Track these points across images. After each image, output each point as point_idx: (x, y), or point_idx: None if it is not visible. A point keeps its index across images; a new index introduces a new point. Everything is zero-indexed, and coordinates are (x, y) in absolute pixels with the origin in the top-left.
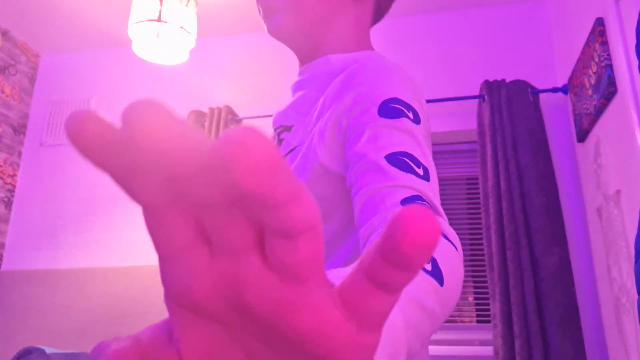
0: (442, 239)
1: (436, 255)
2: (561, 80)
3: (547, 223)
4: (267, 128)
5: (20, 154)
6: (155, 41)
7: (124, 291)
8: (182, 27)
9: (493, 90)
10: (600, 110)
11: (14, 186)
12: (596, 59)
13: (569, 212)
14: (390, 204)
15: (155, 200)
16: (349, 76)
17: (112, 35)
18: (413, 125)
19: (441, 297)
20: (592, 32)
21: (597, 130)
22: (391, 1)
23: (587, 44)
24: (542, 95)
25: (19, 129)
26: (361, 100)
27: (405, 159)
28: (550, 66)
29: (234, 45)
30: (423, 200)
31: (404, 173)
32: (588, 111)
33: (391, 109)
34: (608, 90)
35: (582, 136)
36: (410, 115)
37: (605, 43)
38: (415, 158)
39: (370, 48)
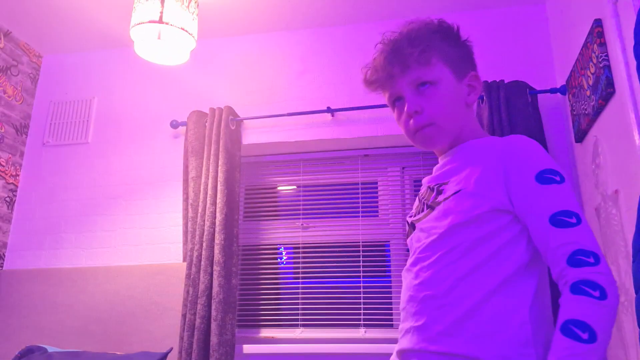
0: (582, 298)
1: (586, 318)
2: (560, 81)
3: None
4: (267, 128)
5: (22, 154)
6: (157, 42)
7: (125, 290)
8: (183, 29)
9: (492, 91)
10: (598, 111)
11: (16, 186)
12: (594, 60)
13: None
14: (559, 263)
15: None
16: (508, 150)
17: (114, 36)
18: (561, 185)
19: (596, 349)
20: (591, 33)
21: (596, 131)
22: (479, 95)
23: (585, 45)
24: (540, 96)
25: (21, 129)
26: (519, 171)
27: (563, 218)
28: (548, 67)
29: (235, 46)
30: (581, 253)
31: (561, 232)
32: (586, 112)
33: (545, 178)
34: (606, 90)
35: (580, 136)
36: (557, 178)
37: (603, 44)
38: (567, 211)
39: (487, 135)
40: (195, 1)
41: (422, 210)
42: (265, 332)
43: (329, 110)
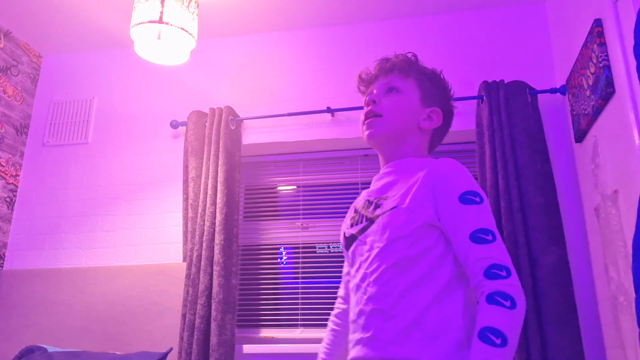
0: (495, 308)
1: (498, 326)
2: (559, 81)
3: (545, 222)
4: (267, 128)
5: (22, 154)
6: (157, 42)
7: (125, 290)
8: (183, 29)
9: (491, 91)
10: (598, 111)
11: (16, 186)
12: (594, 60)
13: (567, 212)
14: (477, 275)
15: None
16: (437, 172)
17: (114, 36)
18: (480, 205)
19: (506, 353)
20: (591, 33)
21: (595, 131)
22: (441, 139)
23: (585, 45)
24: (540, 96)
25: (21, 129)
26: (445, 191)
27: (481, 235)
28: (548, 67)
29: (235, 46)
30: (495, 267)
31: (479, 247)
32: (586, 111)
33: (466, 199)
34: (606, 90)
35: (580, 136)
36: (477, 199)
37: (603, 44)
38: (484, 229)
39: (428, 157)
40: (195, 1)
41: (361, 222)
42: (265, 332)
43: (329, 110)
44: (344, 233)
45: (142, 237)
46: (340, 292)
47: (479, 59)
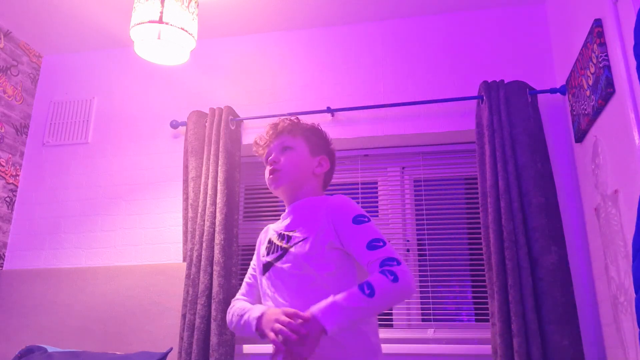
0: (381, 275)
1: (374, 283)
2: (559, 81)
3: (545, 222)
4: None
5: (22, 154)
6: (157, 42)
7: (125, 290)
8: (183, 29)
9: (492, 91)
10: (598, 111)
11: (16, 186)
12: (594, 60)
13: (567, 212)
14: (375, 269)
15: None
16: (332, 205)
17: (114, 36)
18: (369, 224)
19: (371, 302)
20: (591, 33)
21: (595, 131)
22: (331, 178)
23: (585, 45)
24: (540, 96)
25: (21, 129)
26: (341, 217)
27: (374, 244)
28: (548, 67)
29: (235, 46)
30: (388, 260)
31: (374, 252)
32: (586, 111)
33: (358, 220)
34: (606, 90)
35: (580, 136)
36: (366, 219)
37: (603, 44)
38: (376, 238)
39: (323, 194)
40: (195, 1)
41: (276, 251)
42: None
43: (329, 110)
44: (262, 262)
45: (142, 237)
46: (243, 291)
47: (479, 59)
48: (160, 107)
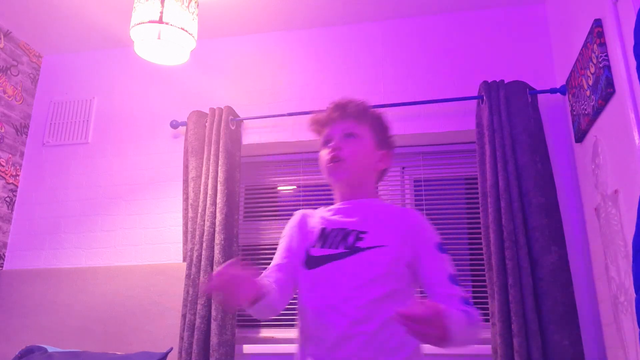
0: (459, 313)
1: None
2: (559, 81)
3: (545, 222)
4: (267, 128)
5: (22, 154)
6: (157, 42)
7: (125, 290)
8: (183, 29)
9: (492, 91)
10: (598, 111)
11: (16, 186)
12: (594, 60)
13: (567, 212)
14: (456, 305)
15: None
16: (417, 223)
17: (114, 36)
18: (449, 255)
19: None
20: (591, 33)
21: (595, 131)
22: (383, 178)
23: (585, 45)
24: (540, 96)
25: (21, 129)
26: (426, 239)
27: (456, 277)
28: (548, 67)
29: (235, 46)
30: (467, 300)
31: (457, 287)
32: (586, 112)
33: (442, 249)
34: (606, 91)
35: (580, 136)
36: (446, 250)
37: (603, 44)
38: (456, 273)
39: (380, 197)
40: (195, 1)
41: (337, 248)
42: (265, 332)
43: None
44: (309, 252)
45: (142, 237)
46: (269, 273)
47: (479, 59)
48: (160, 107)
